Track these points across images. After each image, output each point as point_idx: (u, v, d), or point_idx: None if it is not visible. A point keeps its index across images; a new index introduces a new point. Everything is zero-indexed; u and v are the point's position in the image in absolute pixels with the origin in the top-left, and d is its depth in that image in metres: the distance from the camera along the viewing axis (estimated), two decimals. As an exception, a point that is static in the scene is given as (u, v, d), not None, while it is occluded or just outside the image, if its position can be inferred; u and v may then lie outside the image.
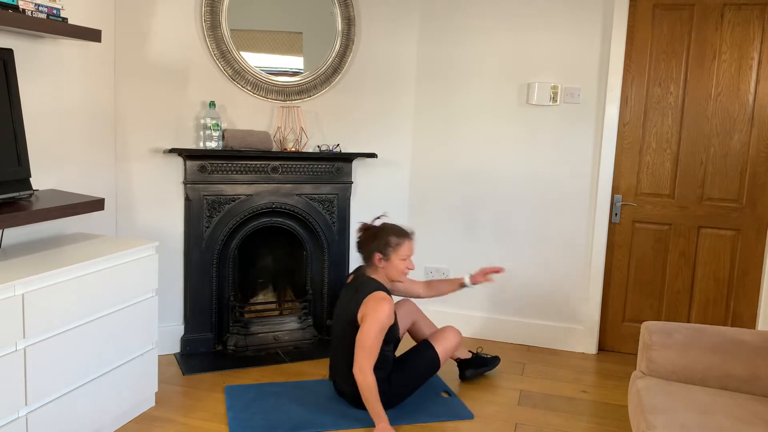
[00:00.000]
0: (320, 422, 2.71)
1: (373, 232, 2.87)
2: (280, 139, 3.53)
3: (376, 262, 2.83)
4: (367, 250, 2.85)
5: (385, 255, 2.81)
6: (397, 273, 2.84)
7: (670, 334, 2.42)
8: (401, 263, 2.83)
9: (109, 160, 3.18)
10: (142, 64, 3.23)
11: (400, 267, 2.83)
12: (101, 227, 3.15)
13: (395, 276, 2.85)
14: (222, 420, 2.74)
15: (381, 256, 2.82)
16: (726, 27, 3.39)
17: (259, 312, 3.66)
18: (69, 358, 2.30)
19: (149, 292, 2.73)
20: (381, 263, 2.83)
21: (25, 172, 2.39)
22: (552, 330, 3.79)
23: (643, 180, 3.60)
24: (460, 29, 3.74)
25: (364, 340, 2.64)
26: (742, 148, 3.44)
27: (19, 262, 2.26)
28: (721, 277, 3.55)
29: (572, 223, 3.69)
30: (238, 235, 3.50)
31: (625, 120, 3.59)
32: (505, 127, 3.73)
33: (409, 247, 2.84)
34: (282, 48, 3.52)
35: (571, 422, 2.85)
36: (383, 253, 2.81)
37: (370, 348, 2.63)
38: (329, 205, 3.67)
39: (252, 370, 3.29)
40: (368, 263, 2.88)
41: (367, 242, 2.86)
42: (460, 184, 3.85)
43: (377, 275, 2.87)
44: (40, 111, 2.67)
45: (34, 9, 2.35)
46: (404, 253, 2.83)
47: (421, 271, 3.99)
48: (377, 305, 2.67)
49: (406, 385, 2.84)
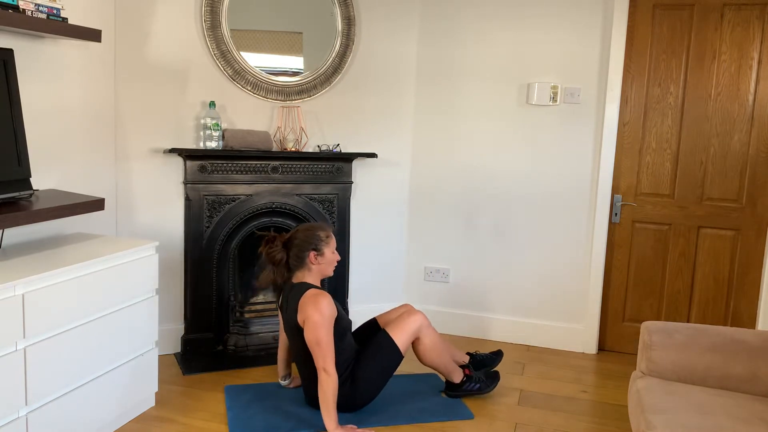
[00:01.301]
0: (320, 422, 2.71)
1: (287, 238, 2.83)
2: (280, 139, 3.54)
3: (311, 261, 2.78)
4: (295, 253, 2.79)
5: (319, 251, 2.79)
6: (330, 267, 2.84)
7: (670, 334, 2.42)
8: (333, 255, 2.84)
9: (109, 160, 3.18)
10: (142, 64, 3.23)
11: (332, 259, 2.84)
12: (101, 227, 3.15)
13: (329, 271, 2.84)
14: (222, 420, 2.74)
15: (316, 253, 2.79)
16: (726, 27, 3.39)
17: (259, 312, 3.66)
18: (69, 358, 2.30)
19: (149, 291, 2.73)
20: (317, 260, 2.79)
21: (25, 172, 2.40)
22: (552, 330, 3.80)
23: (643, 180, 3.60)
24: (460, 29, 3.74)
25: (315, 341, 2.60)
26: (741, 148, 3.44)
27: (19, 262, 2.26)
28: (721, 277, 3.55)
29: (572, 223, 3.69)
30: (238, 235, 3.50)
31: (625, 120, 3.59)
32: (505, 127, 3.73)
33: (334, 239, 2.87)
34: (282, 48, 3.52)
35: (571, 422, 2.85)
36: (317, 249, 2.79)
37: (324, 347, 2.60)
38: (329, 205, 3.67)
39: (252, 370, 3.29)
40: (299, 266, 2.81)
41: (291, 247, 2.80)
42: (460, 184, 3.85)
43: (307, 278, 2.81)
44: (40, 111, 2.67)
45: (34, 9, 2.35)
46: (333, 245, 2.85)
47: (421, 270, 3.99)
48: (315, 302, 2.64)
49: (371, 380, 2.76)
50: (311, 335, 2.61)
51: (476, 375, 3.04)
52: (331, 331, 2.63)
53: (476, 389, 3.02)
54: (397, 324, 2.83)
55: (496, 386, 3.09)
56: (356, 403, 2.78)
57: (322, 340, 2.59)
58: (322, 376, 2.58)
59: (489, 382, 3.05)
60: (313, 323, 2.60)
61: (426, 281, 3.99)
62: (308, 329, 2.62)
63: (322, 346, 2.59)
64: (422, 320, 2.86)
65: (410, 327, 2.82)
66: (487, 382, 3.05)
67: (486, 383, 3.04)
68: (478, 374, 3.06)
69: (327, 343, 2.60)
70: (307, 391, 2.82)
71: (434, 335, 2.89)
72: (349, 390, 2.74)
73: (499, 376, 3.09)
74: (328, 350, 2.60)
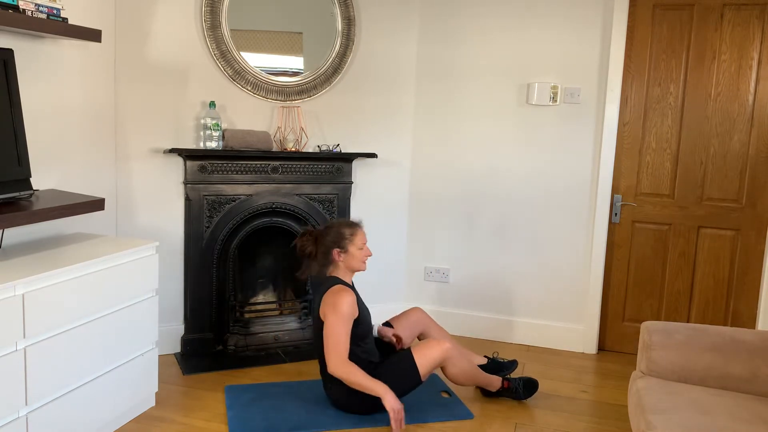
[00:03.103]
0: (320, 422, 2.71)
1: (318, 233, 2.91)
2: (280, 139, 3.53)
3: (335, 258, 2.84)
4: (322, 249, 2.86)
5: (342, 248, 2.84)
6: (357, 262, 2.87)
7: (670, 334, 2.42)
8: (359, 252, 2.86)
9: (109, 160, 3.18)
10: (142, 64, 3.23)
11: (359, 255, 2.86)
12: (101, 227, 3.15)
13: (357, 265, 2.87)
14: (222, 420, 2.74)
15: (339, 250, 2.84)
16: (726, 27, 3.39)
17: (259, 312, 3.66)
18: (69, 358, 2.30)
19: (149, 292, 2.73)
20: (340, 257, 2.84)
21: (25, 172, 2.39)
22: (552, 330, 3.80)
23: (642, 180, 3.60)
24: (460, 29, 3.74)
25: (330, 336, 2.66)
26: (741, 148, 3.44)
27: (19, 262, 2.26)
28: (720, 277, 3.55)
29: (572, 223, 3.69)
30: (239, 235, 3.50)
31: (625, 120, 3.59)
32: (505, 127, 3.73)
33: (362, 235, 2.88)
34: (282, 48, 3.52)
35: (571, 422, 2.85)
36: (341, 246, 2.84)
37: (337, 343, 2.65)
38: (329, 205, 3.67)
39: (252, 370, 3.30)
40: (326, 262, 2.87)
41: (319, 243, 2.88)
42: (460, 184, 3.85)
43: (336, 272, 2.87)
44: (40, 111, 2.67)
45: (34, 9, 2.35)
46: (360, 242, 2.86)
47: (421, 270, 3.99)
48: (336, 298, 2.70)
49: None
50: (328, 330, 2.67)
51: (514, 386, 2.99)
52: (348, 330, 2.68)
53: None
54: (424, 351, 2.74)
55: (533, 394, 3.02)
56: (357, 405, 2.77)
57: (338, 336, 2.65)
58: (338, 372, 2.64)
59: (527, 392, 3.00)
60: (331, 320, 2.67)
61: (426, 281, 3.99)
62: (325, 325, 2.68)
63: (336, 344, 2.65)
64: (449, 352, 2.77)
65: (436, 357, 2.74)
66: (525, 393, 3.00)
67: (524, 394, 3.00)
68: (516, 384, 3.00)
69: (341, 341, 2.65)
70: (324, 389, 2.84)
71: (462, 361, 2.83)
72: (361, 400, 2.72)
73: (538, 385, 3.03)
74: (342, 348, 2.65)
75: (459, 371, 2.84)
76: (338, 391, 2.76)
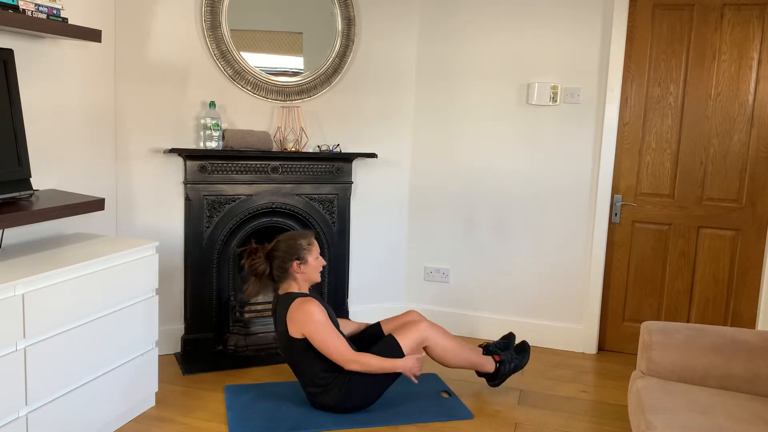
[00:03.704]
0: (320, 422, 2.71)
1: (269, 249, 2.84)
2: (280, 139, 3.53)
3: (294, 271, 2.80)
4: (278, 264, 2.81)
5: (301, 259, 2.80)
6: (315, 273, 2.85)
7: (670, 334, 2.42)
8: (316, 262, 2.85)
9: (109, 160, 3.18)
10: (142, 64, 3.23)
11: (316, 265, 2.85)
12: (101, 227, 3.15)
13: (314, 277, 2.85)
14: (222, 420, 2.74)
15: (299, 262, 2.80)
16: (726, 27, 3.39)
17: (259, 312, 3.66)
18: (69, 358, 2.30)
19: (149, 292, 2.73)
20: (300, 269, 2.80)
21: (25, 172, 2.40)
22: (552, 330, 3.80)
23: (642, 180, 3.60)
24: (460, 29, 3.74)
25: (322, 345, 2.66)
26: (741, 148, 3.44)
27: (19, 262, 2.26)
28: (720, 277, 3.55)
29: (572, 223, 3.69)
30: (239, 235, 3.50)
31: (625, 120, 3.59)
32: (505, 127, 3.73)
33: (317, 245, 2.88)
34: (282, 48, 3.52)
35: (571, 422, 2.85)
36: (300, 257, 2.80)
37: (334, 347, 2.66)
38: (329, 205, 3.67)
39: (252, 370, 3.30)
40: (284, 277, 2.83)
41: (273, 258, 2.82)
42: (460, 184, 3.85)
43: (293, 287, 2.83)
44: (40, 111, 2.67)
45: (34, 9, 2.35)
46: (316, 252, 2.86)
47: (421, 270, 3.99)
48: (303, 311, 2.67)
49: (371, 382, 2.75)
50: (318, 342, 2.67)
51: (507, 355, 3.05)
52: (332, 329, 2.68)
53: (513, 368, 3.04)
54: (403, 330, 2.82)
55: (529, 355, 3.09)
56: (352, 405, 2.76)
57: (328, 340, 2.66)
58: (354, 366, 2.67)
59: (521, 356, 3.07)
60: (314, 331, 2.66)
61: (426, 281, 3.99)
62: (312, 339, 2.68)
63: (333, 345, 2.66)
64: (427, 327, 2.84)
65: (415, 334, 2.80)
66: (520, 357, 3.06)
67: (519, 358, 3.06)
68: (508, 354, 3.06)
69: (335, 341, 2.67)
70: (312, 398, 2.81)
71: (444, 339, 2.87)
72: (344, 392, 2.73)
73: (528, 346, 3.10)
74: (340, 345, 2.67)
75: (442, 349, 2.86)
76: (333, 395, 2.73)
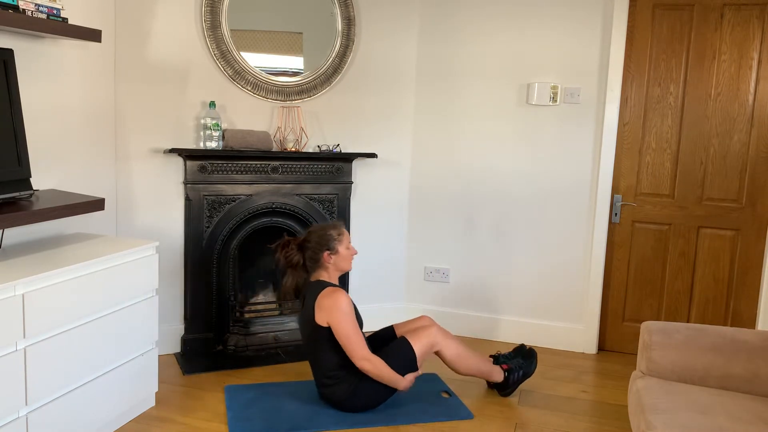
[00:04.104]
0: (320, 422, 2.71)
1: (301, 240, 2.92)
2: (280, 139, 3.53)
3: (325, 261, 2.86)
4: (309, 255, 2.88)
5: (332, 249, 2.86)
6: (346, 262, 2.91)
7: (670, 334, 2.42)
8: (347, 251, 2.91)
9: (109, 160, 3.18)
10: (142, 64, 3.23)
11: (347, 254, 2.91)
12: (101, 227, 3.15)
13: (345, 265, 2.91)
14: (222, 420, 2.74)
15: (329, 252, 2.86)
16: (726, 27, 3.39)
17: (259, 312, 3.66)
18: (69, 358, 2.30)
19: (149, 292, 2.73)
20: (331, 259, 2.87)
21: (25, 172, 2.39)
22: (552, 330, 3.80)
23: (642, 180, 3.60)
24: (460, 29, 3.74)
25: (344, 336, 2.70)
26: (741, 148, 3.44)
27: (19, 262, 2.26)
28: (720, 277, 3.55)
29: (572, 223, 3.69)
30: (239, 235, 3.50)
31: (625, 120, 3.59)
32: (505, 127, 3.73)
33: (347, 234, 2.93)
34: (282, 48, 3.52)
35: (571, 422, 2.85)
36: (330, 248, 2.86)
37: (353, 341, 2.69)
38: (329, 205, 3.67)
39: (252, 370, 3.30)
40: (315, 267, 2.89)
41: (305, 249, 2.89)
42: (460, 184, 3.85)
43: (324, 276, 2.89)
44: (40, 111, 2.67)
45: (34, 9, 2.35)
46: (347, 241, 2.91)
47: (421, 270, 3.99)
48: (333, 300, 2.72)
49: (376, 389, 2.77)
50: (340, 332, 2.70)
51: (515, 363, 3.08)
52: (355, 323, 2.72)
53: (522, 375, 3.06)
54: (415, 334, 2.87)
55: (536, 362, 3.11)
56: (356, 405, 2.78)
57: (350, 333, 2.70)
58: (366, 365, 2.69)
59: (529, 362, 3.09)
60: (337, 321, 2.70)
61: (426, 281, 3.99)
62: (335, 328, 2.71)
63: (352, 339, 2.69)
64: (438, 332, 2.88)
65: (426, 339, 2.84)
66: (528, 363, 3.09)
67: (527, 364, 3.08)
68: (516, 361, 3.09)
69: (356, 335, 2.70)
70: (320, 388, 2.84)
71: (455, 344, 2.91)
72: (352, 391, 2.75)
73: (536, 353, 3.12)
74: (358, 340, 2.70)
75: (454, 354, 2.90)
76: (341, 390, 2.75)
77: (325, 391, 2.82)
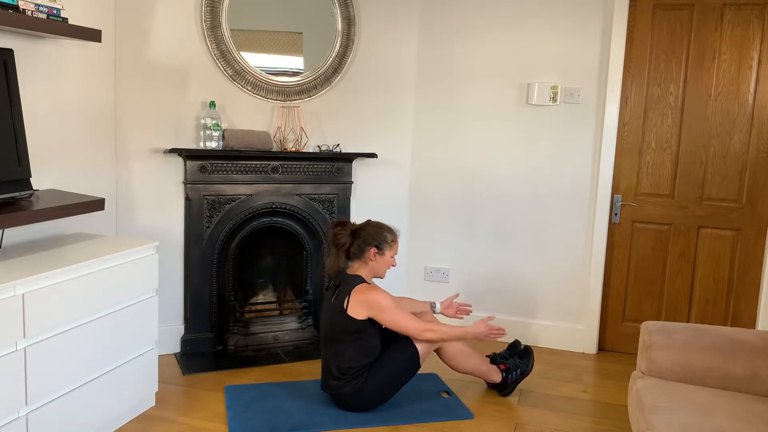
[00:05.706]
0: (320, 422, 2.71)
1: (357, 226, 2.90)
2: (280, 139, 3.54)
3: (369, 257, 2.83)
4: (358, 243, 2.84)
5: (380, 250, 2.84)
6: (384, 269, 2.89)
7: (670, 334, 2.42)
8: (390, 259, 2.88)
9: (109, 160, 3.18)
10: (142, 64, 3.23)
11: (389, 263, 2.88)
12: (101, 227, 3.15)
13: (382, 272, 2.89)
14: (222, 420, 2.74)
15: (376, 251, 2.83)
16: (726, 27, 3.39)
17: (259, 312, 3.66)
18: (69, 358, 2.30)
19: (149, 291, 2.73)
20: (374, 258, 2.84)
21: (25, 172, 2.40)
22: (552, 330, 3.80)
23: (642, 180, 3.60)
24: (460, 29, 3.74)
25: (396, 326, 2.73)
26: (741, 148, 3.44)
27: (19, 262, 2.26)
28: (720, 277, 3.55)
29: (572, 223, 3.69)
30: (238, 235, 3.50)
31: (624, 120, 3.59)
32: (505, 127, 3.73)
33: (397, 245, 2.91)
34: (282, 48, 3.52)
35: (571, 422, 2.85)
36: (379, 248, 2.83)
37: (406, 326, 2.74)
38: (329, 205, 3.67)
39: (252, 370, 3.30)
40: (357, 257, 2.86)
41: (356, 236, 2.86)
42: (460, 184, 3.85)
43: (362, 272, 2.86)
44: (40, 111, 2.67)
45: (34, 9, 2.35)
46: (395, 250, 2.89)
47: (421, 270, 3.99)
48: (372, 296, 2.72)
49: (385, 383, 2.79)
50: (390, 324, 2.74)
51: (512, 362, 3.08)
52: (398, 308, 2.75)
53: (520, 374, 3.07)
54: None
55: (533, 359, 3.13)
56: (359, 403, 2.78)
57: (400, 320, 2.74)
58: (428, 335, 2.75)
59: (526, 361, 3.10)
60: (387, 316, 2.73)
61: (426, 281, 3.99)
62: (384, 321, 2.74)
63: (403, 324, 2.74)
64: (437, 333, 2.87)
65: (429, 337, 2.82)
66: (525, 362, 3.10)
67: (524, 363, 3.09)
68: (512, 361, 3.10)
69: (403, 318, 2.74)
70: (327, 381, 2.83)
71: (455, 343, 2.92)
72: (357, 388, 2.75)
73: (532, 350, 3.14)
74: (410, 321, 2.74)
75: (454, 351, 2.92)
76: (349, 387, 2.75)
77: (333, 383, 2.80)
